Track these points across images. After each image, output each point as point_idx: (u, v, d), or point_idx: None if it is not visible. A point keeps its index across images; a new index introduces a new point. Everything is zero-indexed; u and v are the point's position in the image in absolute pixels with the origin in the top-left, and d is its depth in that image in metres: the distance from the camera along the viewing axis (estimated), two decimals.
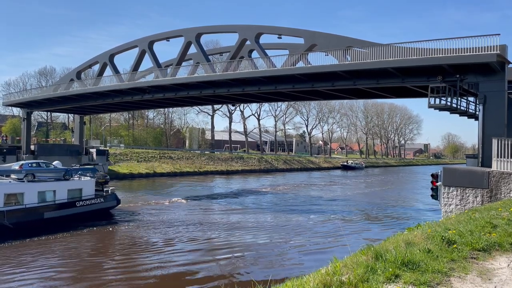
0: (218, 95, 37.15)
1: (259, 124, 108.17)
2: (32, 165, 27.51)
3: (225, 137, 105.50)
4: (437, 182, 19.18)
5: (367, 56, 25.11)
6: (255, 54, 35.04)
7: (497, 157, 17.64)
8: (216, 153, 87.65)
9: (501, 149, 17.55)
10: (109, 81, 41.87)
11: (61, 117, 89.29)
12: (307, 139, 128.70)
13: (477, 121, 22.63)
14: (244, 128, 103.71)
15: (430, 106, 22.96)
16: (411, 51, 23.43)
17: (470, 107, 26.94)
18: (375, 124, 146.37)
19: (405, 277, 4.87)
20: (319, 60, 28.24)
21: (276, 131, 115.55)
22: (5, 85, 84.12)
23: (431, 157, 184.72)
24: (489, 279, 5.22)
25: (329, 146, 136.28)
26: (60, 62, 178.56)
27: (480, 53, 20.69)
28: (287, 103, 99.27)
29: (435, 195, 19.72)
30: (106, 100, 44.10)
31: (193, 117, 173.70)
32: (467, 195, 17.43)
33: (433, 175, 20.04)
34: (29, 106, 53.56)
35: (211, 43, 73.24)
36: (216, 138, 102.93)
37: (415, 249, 5.91)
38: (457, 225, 7.94)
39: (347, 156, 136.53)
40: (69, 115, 79.56)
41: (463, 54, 21.35)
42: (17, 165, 27.16)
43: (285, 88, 31.32)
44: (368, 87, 28.20)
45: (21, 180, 25.59)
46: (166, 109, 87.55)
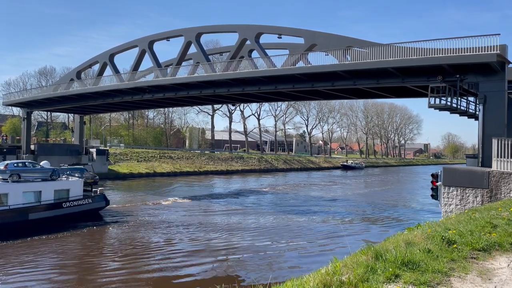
0: (218, 95, 37.16)
1: (259, 124, 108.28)
2: (18, 165, 26.67)
3: (225, 137, 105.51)
4: (437, 182, 19.18)
5: (367, 56, 25.12)
6: (255, 54, 35.05)
7: (497, 157, 17.64)
8: (216, 153, 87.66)
9: (501, 149, 17.55)
10: (109, 81, 41.89)
11: (61, 117, 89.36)
12: (307, 139, 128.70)
13: (477, 121, 22.63)
14: (244, 128, 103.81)
15: (430, 106, 22.96)
16: (411, 51, 23.44)
17: (470, 107, 26.94)
18: (375, 124, 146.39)
19: (405, 277, 4.87)
20: (319, 60, 28.27)
21: (276, 131, 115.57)
22: (5, 84, 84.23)
23: (431, 157, 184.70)
24: (489, 279, 5.22)
25: (329, 146, 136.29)
26: (60, 62, 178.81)
27: (480, 53, 20.69)
28: (287, 103, 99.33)
29: (435, 195, 19.72)
30: (106, 100, 44.12)
31: (193, 117, 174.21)
32: (467, 195, 17.43)
33: (433, 175, 20.04)
34: (29, 105, 53.59)
35: (211, 43, 73.29)
36: (216, 138, 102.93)
37: (415, 249, 5.91)
38: (457, 225, 7.94)
39: (347, 156, 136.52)
40: (69, 115, 79.61)
41: (463, 54, 21.35)
42: (2, 165, 26.26)
43: (285, 88, 31.33)
44: (368, 87, 28.21)
45: (6, 180, 24.91)
46: (166, 109, 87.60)
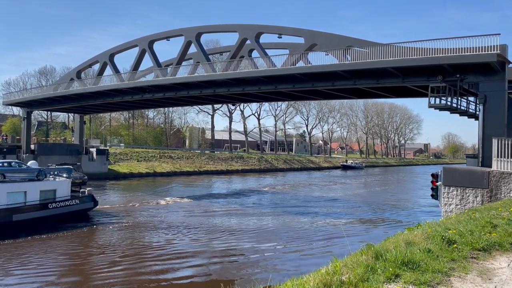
0: (218, 95, 37.14)
1: (259, 123, 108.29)
2: (3, 164, 26.11)
3: (225, 136, 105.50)
4: (437, 182, 19.17)
5: (367, 55, 25.11)
6: (255, 53, 35.05)
7: (497, 157, 17.63)
8: (216, 152, 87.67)
9: (501, 149, 17.54)
10: (109, 81, 41.89)
11: (61, 117, 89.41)
12: (307, 139, 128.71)
13: (477, 121, 22.63)
14: (244, 127, 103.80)
15: (430, 106, 22.95)
16: (411, 51, 23.43)
17: (470, 107, 26.93)
18: (375, 123, 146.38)
19: (405, 276, 4.86)
20: (319, 59, 28.25)
21: (276, 131, 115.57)
22: (5, 84, 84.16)
23: (431, 157, 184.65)
24: (489, 279, 5.22)
25: (329, 145, 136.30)
26: (60, 61, 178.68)
27: (480, 53, 20.67)
28: (287, 102, 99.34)
29: (435, 195, 19.71)
30: (106, 99, 44.12)
31: (193, 117, 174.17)
32: (467, 195, 17.42)
33: (433, 175, 20.03)
34: (29, 105, 53.58)
35: (211, 42, 73.24)
36: (216, 137, 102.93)
37: (415, 248, 5.91)
38: (457, 225, 7.94)
39: (347, 155, 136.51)
40: (69, 114, 79.63)
41: (463, 54, 21.33)
42: None
43: (285, 87, 31.32)
44: (368, 86, 28.20)
45: None
46: (166, 109, 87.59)
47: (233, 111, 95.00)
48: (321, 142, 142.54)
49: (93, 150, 58.40)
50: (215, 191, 48.15)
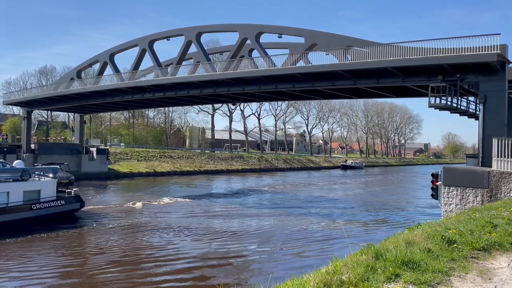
0: (218, 94, 37.14)
1: (259, 123, 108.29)
2: None
3: (225, 136, 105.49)
4: (437, 181, 19.17)
5: (368, 55, 25.10)
6: (255, 53, 35.04)
7: (497, 156, 17.63)
8: (216, 152, 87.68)
9: (501, 149, 17.54)
10: (109, 80, 41.88)
11: (61, 116, 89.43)
12: (307, 139, 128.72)
13: (477, 121, 22.62)
14: (244, 127, 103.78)
15: (430, 105, 22.96)
16: (412, 50, 23.42)
17: (470, 107, 26.93)
18: (375, 123, 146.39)
19: (405, 276, 4.87)
20: (320, 59, 28.23)
21: (276, 131, 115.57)
22: (6, 84, 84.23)
23: (431, 157, 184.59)
24: (489, 279, 5.22)
25: (329, 145, 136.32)
26: (60, 61, 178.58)
27: (480, 52, 20.66)
28: (287, 102, 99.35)
29: (435, 195, 19.71)
30: (106, 99, 44.12)
31: (193, 116, 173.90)
32: (467, 194, 17.42)
33: (433, 175, 20.03)
34: (30, 105, 53.59)
35: (211, 42, 73.20)
36: (216, 137, 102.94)
37: (416, 248, 5.91)
38: (457, 225, 7.94)
39: (347, 155, 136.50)
40: (70, 114, 79.68)
41: (463, 53, 21.32)
42: None
43: (286, 87, 31.32)
44: (368, 86, 28.19)
45: None
46: (166, 108, 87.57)
47: (233, 111, 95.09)
48: (321, 141, 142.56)
49: (93, 149, 58.40)
50: (215, 190, 48.15)
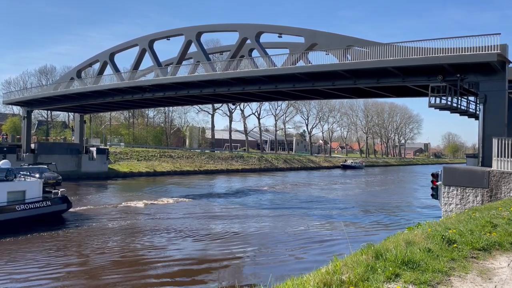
0: (218, 94, 37.13)
1: (259, 123, 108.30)
2: None
3: (225, 136, 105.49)
4: (437, 181, 19.17)
5: (368, 55, 25.10)
6: (255, 53, 35.03)
7: (497, 156, 17.63)
8: (216, 152, 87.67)
9: (502, 149, 17.53)
10: (109, 80, 41.87)
11: (61, 116, 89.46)
12: (307, 138, 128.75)
13: (477, 121, 22.62)
14: (244, 127, 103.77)
15: (430, 105, 22.95)
16: (412, 50, 23.42)
17: (470, 107, 26.92)
18: (375, 123, 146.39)
19: (405, 276, 4.86)
20: (320, 59, 28.23)
21: (276, 130, 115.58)
22: (6, 83, 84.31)
23: (431, 157, 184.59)
24: (489, 279, 5.22)
25: (329, 145, 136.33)
26: (60, 60, 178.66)
27: (480, 52, 20.66)
28: (287, 102, 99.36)
29: (435, 195, 19.71)
30: (106, 99, 44.12)
31: (193, 116, 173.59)
32: (467, 194, 17.42)
33: (433, 175, 20.02)
34: (30, 104, 53.59)
35: (211, 42, 73.12)
36: (216, 137, 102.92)
37: (416, 248, 5.90)
38: (457, 225, 7.94)
39: (347, 155, 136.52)
40: (70, 113, 79.72)
41: (463, 53, 21.33)
42: None
43: (286, 87, 31.32)
44: (368, 86, 28.19)
45: None
46: (166, 108, 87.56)
47: (233, 111, 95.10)
48: (321, 141, 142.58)
49: (93, 149, 58.41)
50: (215, 190, 48.13)
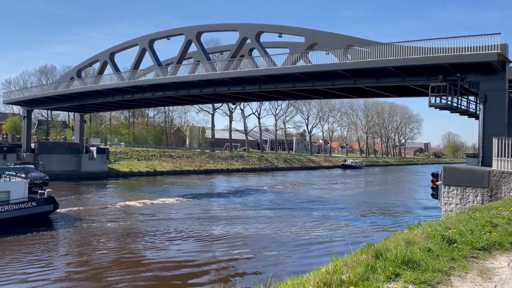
0: (218, 94, 37.14)
1: (259, 123, 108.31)
2: None
3: (226, 135, 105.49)
4: (438, 181, 19.16)
5: (368, 55, 25.10)
6: (255, 52, 35.02)
7: (498, 156, 17.62)
8: (216, 151, 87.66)
9: (502, 149, 17.52)
10: (109, 80, 41.87)
11: (62, 115, 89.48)
12: (308, 138, 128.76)
13: (477, 121, 22.62)
14: (244, 126, 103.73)
15: (430, 105, 22.95)
16: (412, 50, 23.42)
17: (470, 106, 26.92)
18: (375, 123, 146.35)
19: (405, 276, 4.86)
20: (320, 59, 28.24)
21: (276, 130, 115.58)
22: (6, 83, 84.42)
23: (431, 156, 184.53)
24: (490, 278, 5.22)
25: (329, 145, 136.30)
26: (60, 60, 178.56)
27: (480, 52, 20.67)
28: (287, 102, 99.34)
29: (436, 194, 19.71)
30: (106, 98, 44.12)
31: (194, 116, 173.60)
32: (467, 194, 17.42)
33: (433, 174, 20.02)
34: (30, 104, 53.59)
35: (211, 41, 73.11)
36: (216, 136, 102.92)
37: (416, 248, 5.90)
38: (458, 224, 7.94)
39: (347, 155, 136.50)
40: (70, 113, 79.72)
41: (464, 53, 21.33)
42: None
43: (286, 87, 31.31)
44: (368, 86, 28.20)
45: None
46: (166, 108, 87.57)
47: (233, 110, 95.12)
48: (321, 141, 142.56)
49: (94, 149, 58.40)
50: (215, 190, 48.13)
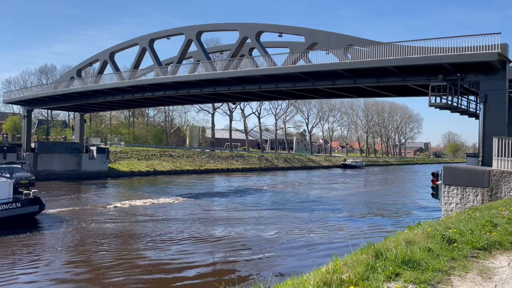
0: (218, 93, 37.12)
1: (260, 122, 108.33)
2: None
3: (226, 135, 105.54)
4: (438, 181, 19.18)
5: (368, 54, 25.09)
6: (255, 52, 35.02)
7: (498, 156, 17.62)
8: (216, 151, 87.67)
9: (502, 148, 17.53)
10: (109, 79, 41.84)
11: (62, 115, 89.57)
12: (308, 138, 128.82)
13: (477, 120, 22.63)
14: (244, 126, 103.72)
15: (430, 105, 22.96)
16: (412, 49, 23.40)
17: (470, 106, 26.93)
18: (375, 122, 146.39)
19: (405, 275, 4.86)
20: (320, 58, 28.19)
21: (276, 130, 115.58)
22: (6, 82, 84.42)
23: (432, 156, 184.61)
24: (490, 278, 5.21)
25: (329, 144, 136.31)
26: (60, 60, 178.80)
27: (481, 51, 20.66)
28: (287, 101, 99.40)
29: (436, 194, 19.72)
30: (106, 98, 44.11)
31: (194, 115, 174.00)
32: (468, 194, 17.42)
33: (433, 174, 20.03)
34: (30, 103, 53.60)
35: (211, 41, 73.31)
36: (216, 136, 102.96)
37: (416, 247, 5.90)
38: (458, 224, 7.94)
39: (347, 154, 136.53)
40: (70, 113, 79.78)
41: (464, 53, 21.32)
42: None
43: (286, 86, 31.30)
44: (368, 85, 28.18)
45: None
46: (166, 107, 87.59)
47: (233, 110, 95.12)
48: (321, 141, 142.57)
49: (94, 148, 58.41)
50: (215, 190, 48.11)
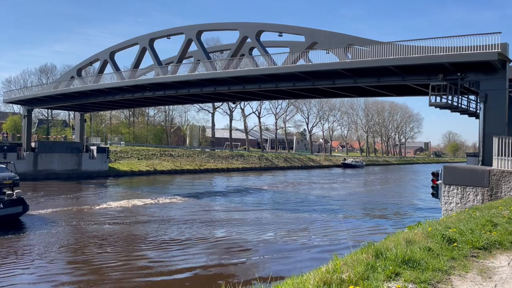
0: (218, 93, 37.13)
1: (260, 122, 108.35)
2: None
3: (226, 135, 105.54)
4: (438, 180, 19.17)
5: (368, 54, 25.08)
6: (255, 52, 35.00)
7: (498, 155, 17.62)
8: (216, 150, 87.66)
9: (502, 148, 17.52)
10: (109, 79, 41.83)
11: (62, 115, 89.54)
12: (308, 137, 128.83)
13: (478, 120, 22.62)
14: (244, 126, 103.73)
15: (431, 104, 22.95)
16: (412, 49, 23.38)
17: (471, 106, 26.92)
18: (375, 122, 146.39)
19: (405, 275, 4.86)
20: (320, 58, 28.18)
21: (276, 129, 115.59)
22: (6, 82, 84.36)
23: (432, 156, 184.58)
24: (490, 278, 5.21)
25: (329, 144, 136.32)
26: (60, 59, 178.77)
27: (481, 51, 20.65)
28: (287, 101, 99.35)
29: (436, 194, 19.72)
30: (106, 97, 44.11)
31: (194, 115, 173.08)
32: (468, 193, 17.42)
33: (433, 174, 20.02)
34: (30, 103, 53.60)
35: (211, 40, 73.31)
36: (216, 135, 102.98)
37: (416, 247, 5.90)
38: (458, 224, 7.94)
39: (347, 154, 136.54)
40: (70, 112, 79.80)
41: (464, 52, 21.31)
42: None
43: (286, 86, 31.30)
44: (369, 85, 28.17)
45: None
46: (166, 107, 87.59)
47: (233, 109, 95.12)
48: (321, 140, 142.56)
49: (94, 148, 58.42)
50: (215, 189, 48.12)
